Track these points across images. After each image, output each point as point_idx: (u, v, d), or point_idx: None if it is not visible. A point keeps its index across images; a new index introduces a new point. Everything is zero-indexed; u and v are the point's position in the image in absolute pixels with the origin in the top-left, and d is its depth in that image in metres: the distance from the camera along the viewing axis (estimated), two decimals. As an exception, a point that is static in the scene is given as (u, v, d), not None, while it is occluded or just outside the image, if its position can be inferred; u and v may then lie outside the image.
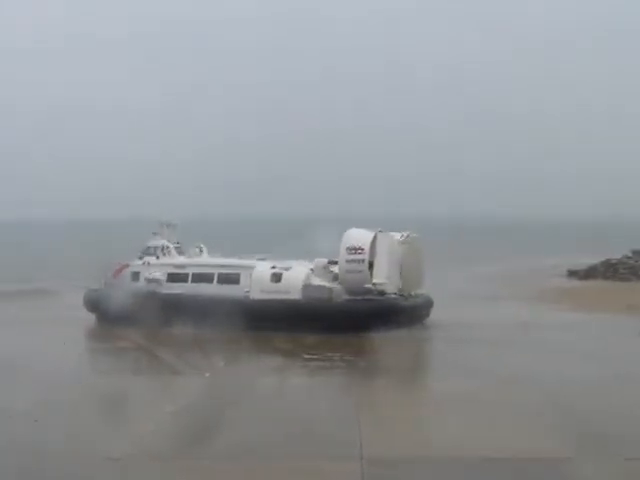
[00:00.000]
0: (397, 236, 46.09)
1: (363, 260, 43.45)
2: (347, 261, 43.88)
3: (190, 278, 47.89)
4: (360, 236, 44.25)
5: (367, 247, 43.37)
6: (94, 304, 49.90)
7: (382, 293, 44.21)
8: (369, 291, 43.95)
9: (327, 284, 44.81)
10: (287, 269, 45.85)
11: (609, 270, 76.53)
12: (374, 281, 43.88)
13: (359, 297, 43.82)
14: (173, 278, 48.46)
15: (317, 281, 45.20)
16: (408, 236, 46.53)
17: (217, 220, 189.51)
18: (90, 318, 49.76)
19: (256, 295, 45.25)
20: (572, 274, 78.53)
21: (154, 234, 51.22)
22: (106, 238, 66.73)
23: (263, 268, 46.26)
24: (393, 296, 44.78)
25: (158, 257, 50.01)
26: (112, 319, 46.53)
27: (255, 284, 45.64)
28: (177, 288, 47.58)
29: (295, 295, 44.15)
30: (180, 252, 50.62)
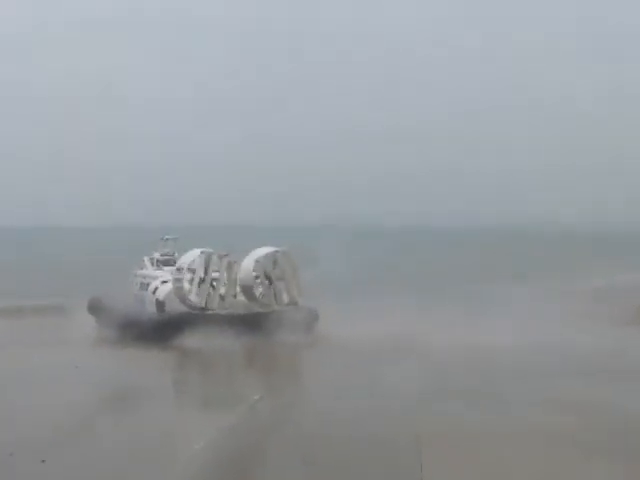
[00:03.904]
0: (257, 254, 49.53)
1: (181, 279, 48.41)
2: (174, 279, 49.09)
3: (147, 287, 53.03)
4: (185, 258, 49.45)
5: (185, 267, 48.56)
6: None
7: (202, 308, 48.27)
8: (192, 305, 48.30)
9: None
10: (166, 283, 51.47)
11: None
12: (189, 297, 48.19)
13: (195, 311, 48.19)
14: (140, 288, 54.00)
15: None
16: (266, 255, 49.89)
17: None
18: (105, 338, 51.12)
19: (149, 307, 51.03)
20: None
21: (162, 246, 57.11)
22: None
23: (157, 282, 51.96)
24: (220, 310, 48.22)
25: (142, 269, 56.29)
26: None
27: (148, 296, 51.89)
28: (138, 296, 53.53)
29: (154, 308, 50.35)
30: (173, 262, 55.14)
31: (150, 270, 54.52)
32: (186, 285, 48.05)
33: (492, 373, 36.43)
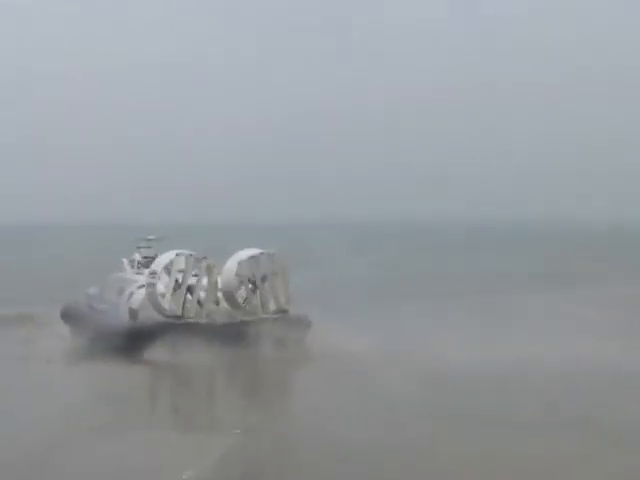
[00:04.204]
0: (237, 259, 45.01)
1: (155, 284, 43.67)
2: (147, 284, 44.33)
3: (124, 291, 48.41)
4: (160, 260, 44.36)
5: (159, 271, 44.18)
6: None
7: (178, 316, 43.60)
8: (167, 314, 43.57)
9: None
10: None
11: None
12: (163, 304, 43.52)
13: (170, 319, 43.47)
14: (118, 293, 48.79)
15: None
16: (251, 258, 45.28)
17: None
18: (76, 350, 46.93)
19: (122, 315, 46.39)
20: None
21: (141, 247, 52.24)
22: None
23: (133, 287, 47.12)
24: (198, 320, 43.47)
25: (121, 272, 51.86)
26: None
27: (122, 303, 47.08)
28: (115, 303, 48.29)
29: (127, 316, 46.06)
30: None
31: (129, 273, 50.31)
32: (160, 290, 43.90)
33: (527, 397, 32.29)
